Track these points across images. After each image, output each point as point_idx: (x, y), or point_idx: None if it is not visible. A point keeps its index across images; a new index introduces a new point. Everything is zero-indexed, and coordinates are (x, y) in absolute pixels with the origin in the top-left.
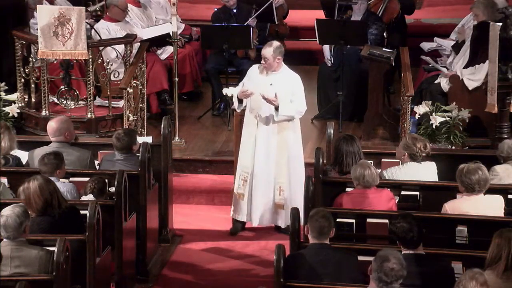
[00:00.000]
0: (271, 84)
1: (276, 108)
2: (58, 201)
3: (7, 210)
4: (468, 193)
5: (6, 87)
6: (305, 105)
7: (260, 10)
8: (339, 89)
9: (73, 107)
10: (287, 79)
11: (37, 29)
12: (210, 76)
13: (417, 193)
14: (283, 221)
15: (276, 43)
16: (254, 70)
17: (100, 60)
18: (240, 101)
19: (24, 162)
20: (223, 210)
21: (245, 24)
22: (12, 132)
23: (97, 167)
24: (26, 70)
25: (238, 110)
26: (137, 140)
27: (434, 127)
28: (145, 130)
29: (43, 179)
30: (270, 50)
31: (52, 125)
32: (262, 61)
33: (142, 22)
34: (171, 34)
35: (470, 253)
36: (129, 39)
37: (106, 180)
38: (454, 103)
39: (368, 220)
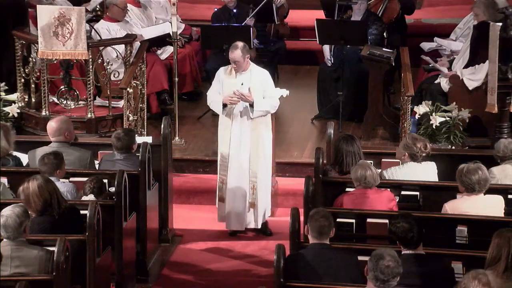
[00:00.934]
0: (242, 84)
1: (251, 105)
2: (58, 201)
3: (7, 210)
4: (468, 193)
5: (6, 87)
6: (278, 99)
7: (257, 9)
8: (339, 89)
9: (73, 107)
10: (257, 76)
11: (36, 29)
12: (210, 76)
13: (417, 193)
14: (258, 221)
15: (241, 44)
16: (222, 73)
17: (100, 60)
18: (224, 105)
19: (24, 163)
20: None
21: (243, 23)
22: (10, 134)
23: (97, 167)
24: (26, 70)
25: (223, 114)
26: (135, 139)
27: (434, 127)
28: (145, 130)
29: (42, 179)
30: (238, 52)
31: (52, 125)
32: (233, 65)
33: (142, 22)
34: (171, 34)
35: (470, 253)
36: (129, 39)
37: (106, 180)
38: (454, 103)
39: (368, 220)
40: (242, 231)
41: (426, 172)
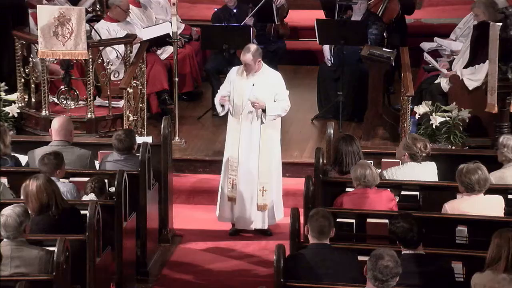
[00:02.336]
0: (253, 85)
1: (263, 110)
2: (56, 203)
3: (7, 210)
4: (468, 193)
5: (6, 87)
6: (289, 102)
7: (256, 8)
8: (339, 89)
9: (73, 107)
10: (269, 79)
11: (36, 29)
12: (210, 76)
13: (417, 193)
14: (265, 222)
15: (253, 47)
16: (234, 73)
17: (100, 60)
18: (222, 105)
19: (24, 164)
20: None
21: (242, 23)
22: (7, 134)
23: (97, 167)
24: (26, 70)
25: (221, 114)
26: (136, 140)
27: (434, 127)
28: (145, 130)
29: (44, 179)
30: (249, 55)
31: (56, 123)
32: (243, 67)
33: (142, 22)
34: (171, 34)
35: (470, 253)
36: (129, 39)
37: (106, 180)
38: (454, 103)
39: (368, 220)
40: (243, 230)
41: (426, 172)
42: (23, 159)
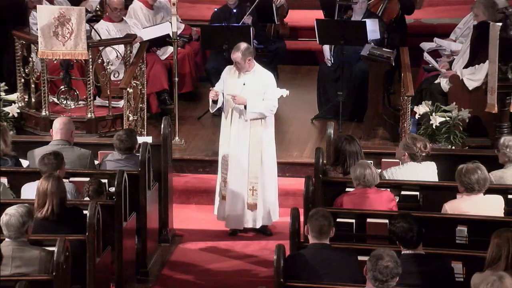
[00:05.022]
0: (244, 84)
1: (245, 107)
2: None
3: (11, 209)
4: (468, 193)
5: (6, 87)
6: (276, 103)
7: (252, 7)
8: (339, 89)
9: (73, 107)
10: (260, 78)
11: (36, 29)
12: (210, 76)
13: (417, 193)
14: (256, 221)
15: (243, 45)
16: (227, 72)
17: (100, 60)
18: (215, 102)
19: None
20: None
21: (240, 22)
22: (7, 134)
23: (98, 167)
24: (26, 70)
25: (212, 111)
26: (137, 140)
27: (434, 127)
28: (145, 130)
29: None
30: (239, 54)
31: (56, 123)
32: (234, 65)
33: (149, 23)
34: (171, 34)
35: (470, 253)
36: (129, 39)
37: (106, 180)
38: (454, 103)
39: (368, 220)
40: (242, 230)
41: (426, 172)
42: (25, 163)
